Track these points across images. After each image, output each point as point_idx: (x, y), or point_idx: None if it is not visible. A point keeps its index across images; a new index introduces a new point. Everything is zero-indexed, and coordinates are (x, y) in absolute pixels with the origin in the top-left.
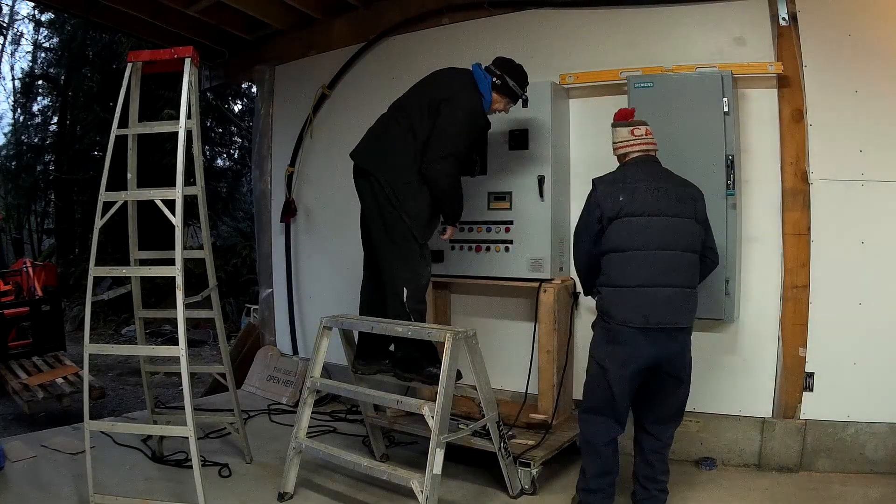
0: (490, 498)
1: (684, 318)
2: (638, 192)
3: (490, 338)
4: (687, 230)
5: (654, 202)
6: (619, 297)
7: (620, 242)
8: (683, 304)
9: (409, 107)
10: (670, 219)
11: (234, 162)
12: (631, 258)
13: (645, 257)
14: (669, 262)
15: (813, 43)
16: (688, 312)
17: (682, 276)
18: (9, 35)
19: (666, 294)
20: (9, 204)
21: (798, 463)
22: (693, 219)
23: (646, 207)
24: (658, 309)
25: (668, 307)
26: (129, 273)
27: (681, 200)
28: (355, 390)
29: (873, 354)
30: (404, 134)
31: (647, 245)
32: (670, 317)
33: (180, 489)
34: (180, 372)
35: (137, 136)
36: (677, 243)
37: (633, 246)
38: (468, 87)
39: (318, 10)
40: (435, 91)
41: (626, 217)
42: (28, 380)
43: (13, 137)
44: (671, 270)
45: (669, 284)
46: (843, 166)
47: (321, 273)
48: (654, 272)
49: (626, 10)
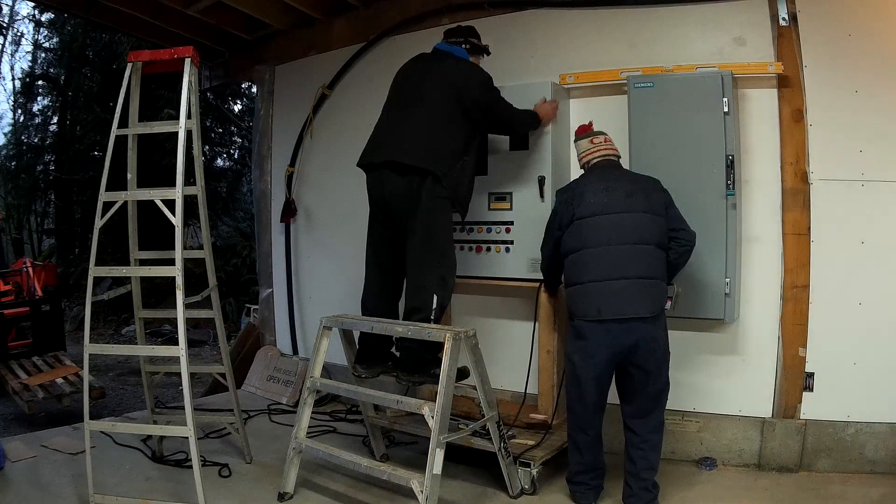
0: (490, 498)
1: (641, 308)
2: (586, 194)
3: (490, 338)
4: (640, 223)
5: (602, 201)
6: (577, 294)
7: (574, 244)
8: (639, 294)
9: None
10: (619, 214)
11: (234, 162)
12: (584, 256)
13: (596, 254)
14: (621, 256)
15: (813, 43)
16: (646, 302)
17: (636, 267)
18: (9, 35)
19: (618, 286)
20: (9, 204)
21: (798, 463)
22: (647, 212)
23: (594, 208)
24: (609, 301)
25: (619, 298)
26: (129, 273)
27: (630, 195)
28: (355, 390)
29: (873, 354)
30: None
31: (598, 242)
32: (622, 308)
33: (180, 489)
34: (180, 372)
35: (137, 136)
36: (628, 237)
37: (585, 245)
38: (466, 64)
39: (318, 10)
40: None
41: (577, 220)
42: (28, 380)
43: (13, 137)
44: (624, 263)
45: (622, 277)
46: (843, 166)
47: (321, 273)
48: (605, 267)
49: (626, 10)
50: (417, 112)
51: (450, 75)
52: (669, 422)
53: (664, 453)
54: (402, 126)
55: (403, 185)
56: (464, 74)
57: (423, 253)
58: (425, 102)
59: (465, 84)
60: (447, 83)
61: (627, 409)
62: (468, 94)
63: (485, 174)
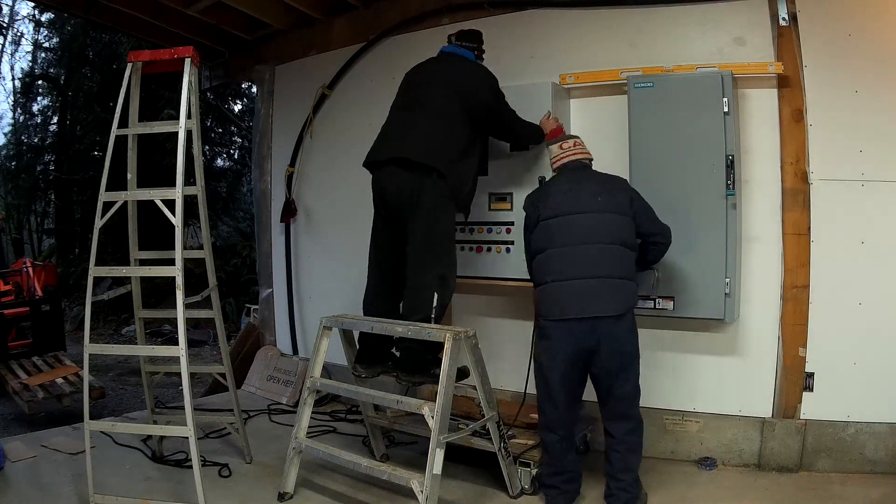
0: (490, 498)
1: (605, 306)
2: (552, 195)
3: (490, 338)
4: (606, 223)
5: (567, 202)
6: (542, 294)
7: (540, 244)
8: (603, 293)
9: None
10: (585, 214)
11: (234, 162)
12: (548, 256)
13: (560, 254)
14: (585, 255)
15: (813, 43)
16: (611, 302)
17: (601, 266)
18: (9, 35)
19: (580, 285)
20: (9, 204)
21: (798, 463)
22: (613, 211)
23: (559, 208)
24: (572, 300)
25: (581, 298)
26: (129, 273)
27: (596, 195)
28: (355, 390)
29: (873, 354)
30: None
31: (562, 242)
32: (584, 307)
33: (180, 489)
34: (180, 372)
35: (137, 136)
36: (593, 237)
37: (549, 245)
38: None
39: (318, 10)
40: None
41: (542, 220)
42: (28, 380)
43: (13, 137)
44: (588, 262)
45: (585, 276)
46: (843, 166)
47: (321, 273)
48: (569, 266)
49: (626, 10)
50: (424, 112)
51: (460, 77)
52: (669, 422)
53: (664, 453)
54: (408, 126)
55: (408, 180)
56: (477, 78)
57: (424, 251)
58: (432, 103)
59: (476, 88)
60: (457, 85)
61: (602, 410)
62: (478, 97)
63: (485, 175)
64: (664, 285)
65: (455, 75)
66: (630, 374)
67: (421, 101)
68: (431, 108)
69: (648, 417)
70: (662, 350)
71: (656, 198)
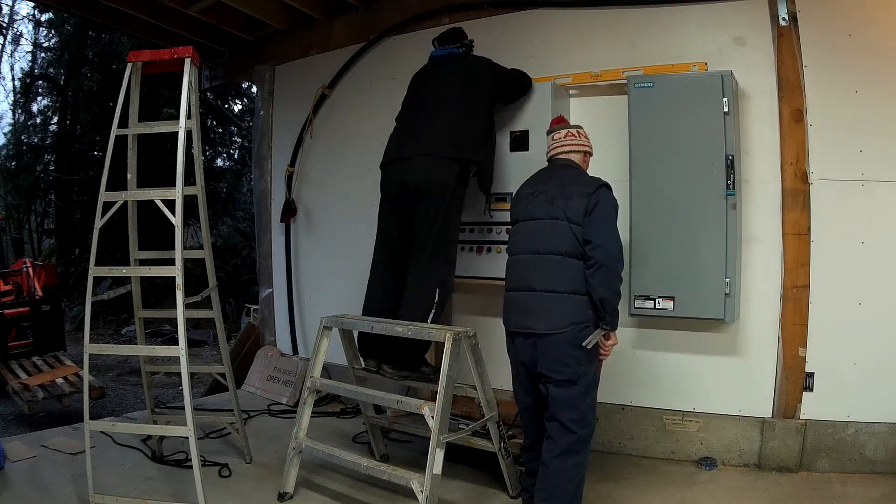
0: (490, 498)
1: (536, 323)
2: (520, 198)
3: (490, 338)
4: (555, 232)
5: (529, 207)
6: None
7: (509, 247)
8: (536, 308)
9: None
10: (538, 221)
11: (234, 162)
12: (511, 263)
13: (514, 262)
14: (533, 266)
15: (813, 43)
16: (543, 318)
17: (544, 280)
18: (9, 35)
19: (522, 297)
20: (9, 204)
21: (798, 463)
22: (563, 219)
23: (524, 212)
24: (515, 313)
25: (521, 312)
26: (129, 273)
27: (551, 201)
28: (355, 390)
29: (873, 354)
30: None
31: (519, 250)
32: (522, 321)
33: (180, 489)
34: (180, 372)
35: (137, 136)
36: (539, 246)
37: (512, 251)
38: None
39: (318, 10)
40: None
41: (515, 222)
42: (28, 380)
43: (13, 137)
44: (533, 274)
45: (529, 288)
46: (843, 166)
47: (321, 273)
48: (518, 276)
49: (626, 10)
50: (442, 111)
51: (463, 71)
52: (669, 422)
53: (664, 453)
54: (428, 126)
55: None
56: (475, 65)
57: (427, 250)
58: (447, 100)
59: (477, 72)
60: (463, 77)
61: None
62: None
63: None
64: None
65: (456, 71)
66: (571, 397)
67: (435, 101)
68: (448, 104)
69: (649, 417)
70: (662, 350)
71: (656, 198)
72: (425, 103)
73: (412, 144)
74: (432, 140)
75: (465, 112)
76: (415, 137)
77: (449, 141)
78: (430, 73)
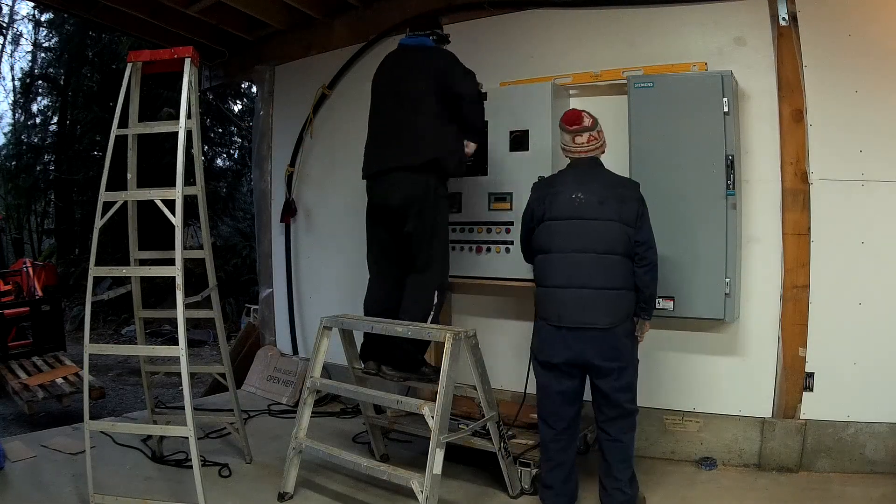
0: (490, 498)
1: (599, 318)
2: (560, 195)
3: (490, 338)
4: (608, 232)
5: (574, 206)
6: (542, 296)
7: (542, 244)
8: (597, 304)
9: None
10: (589, 222)
11: (234, 162)
12: (550, 260)
13: (561, 259)
14: (585, 264)
15: (813, 43)
16: (605, 313)
17: (599, 277)
18: (9, 35)
19: (577, 295)
20: (9, 204)
21: (798, 463)
22: (617, 221)
23: (565, 211)
24: (568, 309)
25: (577, 307)
26: (129, 273)
27: (603, 203)
28: (355, 390)
29: (873, 354)
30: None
31: (564, 248)
32: (579, 317)
33: (180, 489)
34: (180, 372)
35: (137, 136)
36: (595, 246)
37: (552, 248)
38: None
39: (318, 10)
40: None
41: (548, 220)
42: (28, 380)
43: (13, 137)
44: (586, 272)
45: (583, 286)
46: (843, 166)
47: (321, 273)
48: (568, 274)
49: (626, 10)
50: (409, 112)
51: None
52: (669, 422)
53: (664, 453)
54: (400, 130)
55: (416, 183)
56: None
57: (422, 257)
58: (413, 100)
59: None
60: (428, 74)
61: (597, 412)
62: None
63: (485, 175)
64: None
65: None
66: (624, 380)
67: (401, 100)
68: (414, 104)
69: (648, 417)
70: (662, 350)
71: (656, 198)
72: (393, 108)
73: (387, 156)
74: (405, 148)
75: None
76: (388, 146)
77: (421, 144)
78: (396, 66)
